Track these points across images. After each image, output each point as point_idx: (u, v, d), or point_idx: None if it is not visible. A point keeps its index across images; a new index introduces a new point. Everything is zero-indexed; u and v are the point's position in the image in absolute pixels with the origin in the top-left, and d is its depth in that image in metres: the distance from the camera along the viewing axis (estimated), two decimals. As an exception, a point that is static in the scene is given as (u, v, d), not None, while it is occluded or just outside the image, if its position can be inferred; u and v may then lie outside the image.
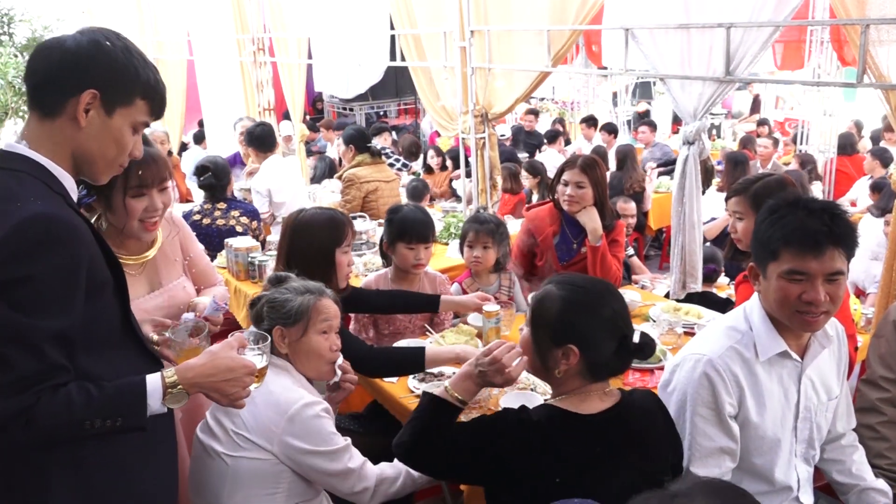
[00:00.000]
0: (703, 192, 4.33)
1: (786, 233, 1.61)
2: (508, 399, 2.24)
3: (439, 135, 8.65)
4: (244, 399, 1.50)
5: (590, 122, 9.07)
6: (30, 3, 6.81)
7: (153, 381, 1.38)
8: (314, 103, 12.69)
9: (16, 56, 6.43)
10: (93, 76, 1.36)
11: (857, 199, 6.24)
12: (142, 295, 2.04)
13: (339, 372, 2.16)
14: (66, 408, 1.28)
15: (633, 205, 5.15)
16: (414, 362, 2.34)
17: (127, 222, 1.95)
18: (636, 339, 1.60)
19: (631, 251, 4.56)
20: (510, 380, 1.71)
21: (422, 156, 7.68)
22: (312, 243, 2.43)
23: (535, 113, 9.64)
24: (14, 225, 1.25)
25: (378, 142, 7.11)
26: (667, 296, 3.56)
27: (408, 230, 2.92)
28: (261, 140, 5.02)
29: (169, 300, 2.13)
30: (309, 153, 7.89)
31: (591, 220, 3.17)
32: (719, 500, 0.97)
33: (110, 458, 1.42)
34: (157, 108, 1.46)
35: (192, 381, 1.42)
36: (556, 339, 1.60)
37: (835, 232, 1.58)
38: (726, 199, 2.54)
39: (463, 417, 1.81)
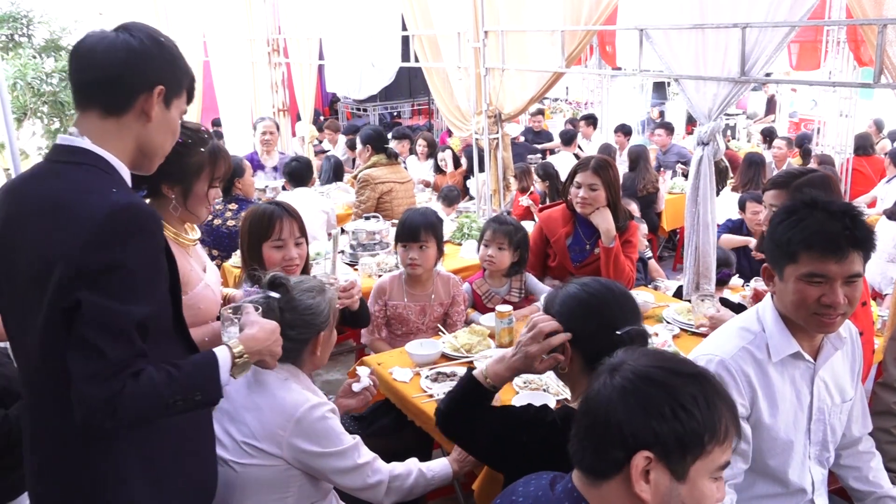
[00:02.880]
0: (718, 193, 4.31)
1: (806, 236, 1.59)
2: (521, 398, 2.24)
3: (450, 134, 8.68)
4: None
5: (589, 119, 9.08)
6: (47, 5, 6.88)
7: (222, 353, 1.45)
8: (332, 104, 12.74)
9: (35, 58, 6.50)
10: (159, 71, 1.41)
11: (877, 199, 6.17)
12: (201, 268, 2.13)
13: (366, 381, 2.18)
14: (151, 390, 1.31)
15: (634, 206, 5.10)
16: None
17: (201, 208, 2.10)
18: (622, 331, 1.57)
19: (649, 253, 4.54)
20: (546, 348, 1.63)
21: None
22: (245, 238, 2.53)
23: (540, 112, 9.64)
24: (105, 215, 1.28)
25: (395, 147, 7.12)
26: (678, 295, 3.54)
27: (402, 230, 3.01)
28: (291, 176, 5.03)
29: (216, 274, 2.29)
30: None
31: (604, 221, 3.17)
32: (645, 360, 1.17)
33: (170, 442, 1.47)
34: (191, 96, 1.54)
35: (254, 349, 1.50)
36: (553, 332, 1.64)
37: (856, 235, 1.57)
38: (763, 191, 2.52)
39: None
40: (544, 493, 1.24)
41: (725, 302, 3.39)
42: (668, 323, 2.90)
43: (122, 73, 1.38)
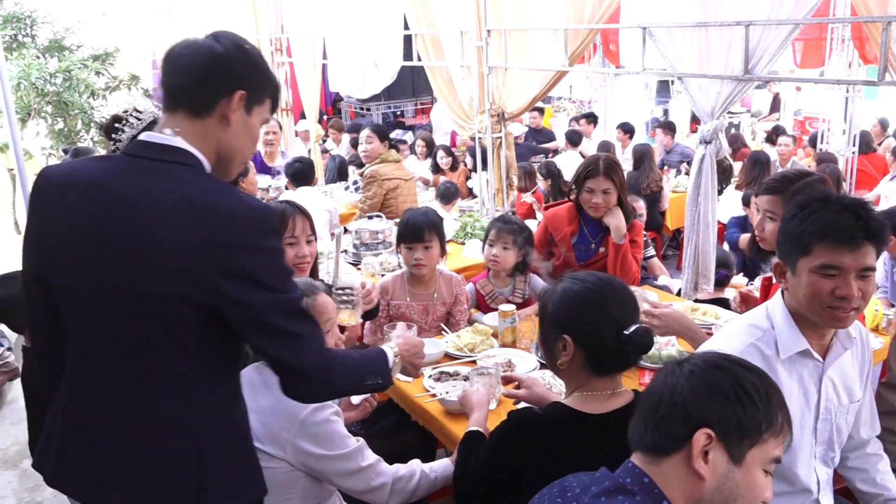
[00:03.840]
0: (721, 192, 4.30)
1: (820, 227, 1.59)
2: (525, 398, 2.23)
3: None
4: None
5: (589, 118, 9.07)
6: (51, 5, 6.89)
7: (389, 351, 1.67)
8: (334, 103, 12.74)
9: (38, 58, 6.51)
10: (241, 77, 1.45)
11: (880, 197, 6.15)
12: None
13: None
14: (353, 365, 1.53)
15: (641, 202, 5.09)
16: None
17: None
18: (630, 330, 1.57)
19: (651, 252, 4.54)
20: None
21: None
22: None
23: (539, 110, 9.63)
24: (249, 219, 1.38)
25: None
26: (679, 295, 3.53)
27: (405, 231, 2.98)
28: (294, 176, 5.08)
29: None
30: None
31: (615, 218, 3.18)
32: (714, 356, 1.24)
33: (243, 431, 1.55)
34: (275, 106, 1.58)
35: (402, 353, 1.73)
36: (553, 329, 1.64)
37: (869, 227, 1.57)
38: (756, 195, 2.42)
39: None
40: (602, 473, 1.26)
41: (725, 303, 3.38)
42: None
43: (203, 76, 1.42)
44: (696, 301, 3.37)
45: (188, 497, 1.42)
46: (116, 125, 1.94)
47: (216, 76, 1.43)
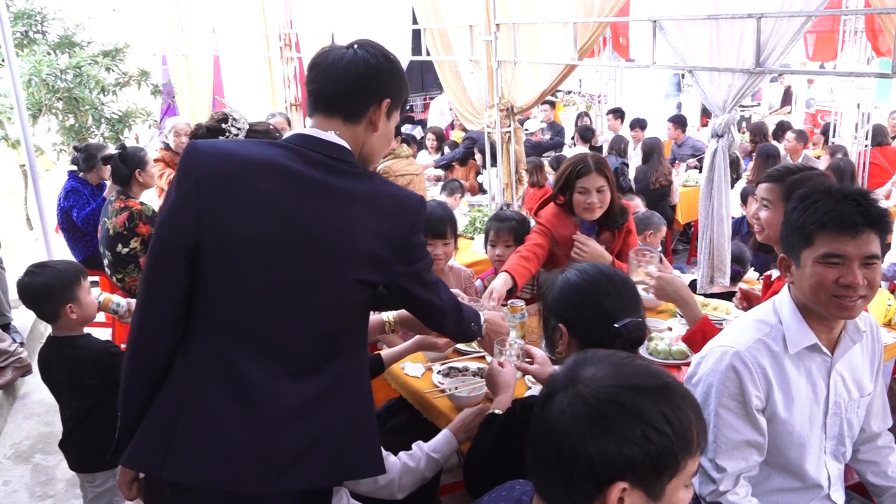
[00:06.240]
0: (732, 186, 4.27)
1: (820, 216, 1.59)
2: (533, 393, 2.23)
3: (453, 127, 8.66)
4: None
5: (616, 113, 8.96)
6: (61, 2, 6.92)
7: (481, 314, 1.95)
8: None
9: (49, 54, 6.54)
10: (389, 86, 1.57)
11: (891, 192, 6.09)
12: None
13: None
14: (467, 309, 1.84)
15: (638, 200, 5.00)
16: (376, 368, 2.40)
17: None
18: (620, 323, 1.59)
19: (659, 249, 4.50)
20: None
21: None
22: None
23: (551, 104, 9.57)
24: (418, 208, 1.56)
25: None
26: (692, 287, 3.50)
27: (427, 227, 2.91)
28: None
29: None
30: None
31: (595, 253, 2.92)
32: (602, 376, 1.07)
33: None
34: (405, 107, 1.71)
35: (488, 322, 2.02)
36: (551, 317, 1.69)
37: (870, 213, 1.57)
38: (756, 184, 2.41)
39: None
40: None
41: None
42: (681, 317, 2.88)
43: (360, 87, 1.53)
44: (707, 296, 3.35)
45: (337, 468, 1.50)
46: (221, 137, 1.89)
47: (371, 87, 1.53)
